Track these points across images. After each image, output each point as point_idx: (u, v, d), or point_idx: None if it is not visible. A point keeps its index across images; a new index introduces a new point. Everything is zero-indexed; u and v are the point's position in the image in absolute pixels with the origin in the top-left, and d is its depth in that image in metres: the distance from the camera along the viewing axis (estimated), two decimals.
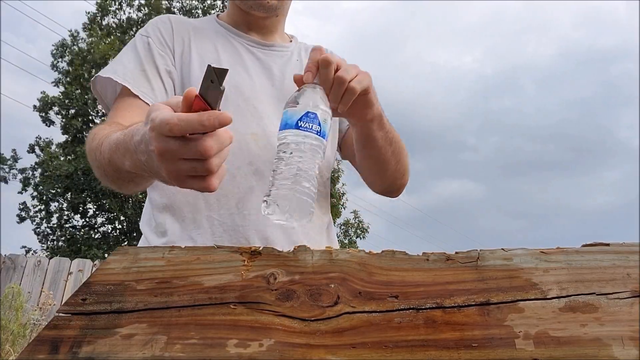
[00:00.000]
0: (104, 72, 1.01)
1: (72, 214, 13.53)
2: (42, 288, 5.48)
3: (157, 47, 1.05)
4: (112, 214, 13.15)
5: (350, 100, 0.80)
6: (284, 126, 0.74)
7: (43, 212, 13.57)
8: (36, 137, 14.38)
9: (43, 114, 14.08)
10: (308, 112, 0.73)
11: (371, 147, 0.97)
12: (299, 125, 0.72)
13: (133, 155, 0.69)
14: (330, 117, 0.77)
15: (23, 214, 13.78)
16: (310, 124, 0.73)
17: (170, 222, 1.00)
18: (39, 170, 13.66)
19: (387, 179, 1.07)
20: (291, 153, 0.71)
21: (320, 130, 0.73)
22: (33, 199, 13.58)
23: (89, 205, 13.50)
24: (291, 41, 1.23)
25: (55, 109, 13.93)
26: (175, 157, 0.59)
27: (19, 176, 13.84)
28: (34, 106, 14.23)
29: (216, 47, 1.09)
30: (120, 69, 1.00)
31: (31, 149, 14.17)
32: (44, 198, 13.35)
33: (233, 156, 0.99)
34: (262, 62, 1.12)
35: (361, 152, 1.01)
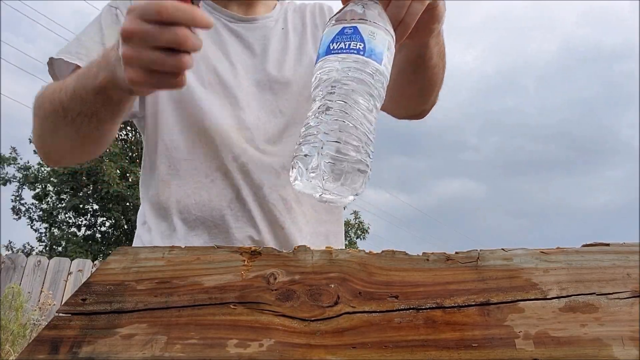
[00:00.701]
0: (58, 54, 0.94)
1: (73, 215, 13.50)
2: (42, 288, 5.48)
3: (123, 18, 0.97)
4: (115, 214, 13.16)
5: (419, 12, 0.58)
6: (316, 59, 0.53)
7: (43, 208, 13.51)
8: (29, 138, 14.17)
9: None
10: (344, 27, 0.51)
11: (423, 70, 0.79)
12: (331, 49, 0.50)
13: (109, 61, 0.64)
14: (391, 36, 0.52)
15: (16, 204, 13.62)
16: (346, 42, 0.49)
17: (162, 224, 0.98)
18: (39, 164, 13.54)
19: (428, 101, 0.91)
20: (323, 95, 0.49)
21: (364, 47, 0.49)
22: (35, 198, 13.53)
23: (90, 206, 13.50)
24: (275, 6, 1.13)
25: None
26: (147, 43, 0.54)
27: (18, 175, 13.75)
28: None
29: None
30: (74, 48, 0.93)
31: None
32: (45, 188, 13.29)
33: (217, 153, 0.97)
34: (242, 40, 1.04)
35: (407, 77, 0.82)
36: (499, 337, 0.48)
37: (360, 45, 0.49)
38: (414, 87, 0.86)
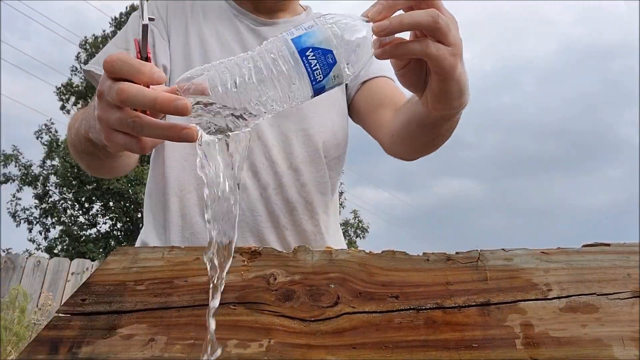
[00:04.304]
0: (89, 65, 0.96)
1: (76, 211, 13.49)
2: (41, 289, 5.48)
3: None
4: (115, 215, 13.17)
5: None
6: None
7: (43, 207, 13.47)
8: (47, 120, 13.96)
9: (64, 99, 13.92)
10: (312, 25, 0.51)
11: (432, 130, 0.78)
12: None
13: (90, 115, 0.65)
14: (342, 59, 0.52)
15: (10, 207, 13.52)
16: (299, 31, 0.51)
17: (158, 220, 0.99)
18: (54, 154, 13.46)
19: (431, 151, 0.91)
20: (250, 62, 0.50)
21: (300, 36, 0.50)
22: (37, 199, 13.48)
23: (94, 205, 13.50)
24: (304, 12, 1.14)
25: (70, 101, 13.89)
26: (107, 102, 0.53)
27: (18, 174, 13.67)
28: (56, 87, 14.07)
29: (217, 28, 1.04)
30: (102, 58, 0.92)
31: (39, 135, 13.82)
32: (46, 187, 13.27)
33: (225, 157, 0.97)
34: (264, 39, 1.05)
35: (414, 131, 0.82)
36: (500, 338, 0.48)
37: (299, 32, 0.52)
38: (417, 139, 0.86)
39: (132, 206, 12.96)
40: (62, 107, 14.35)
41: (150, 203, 1.03)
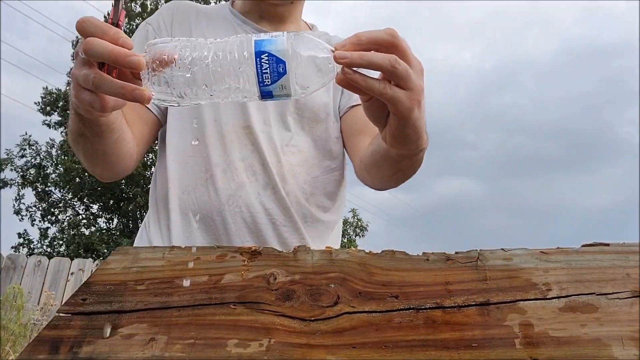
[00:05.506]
0: None
1: (78, 210, 13.50)
2: (42, 288, 5.48)
3: (154, 33, 1.04)
4: (114, 213, 13.19)
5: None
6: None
7: (44, 206, 13.47)
8: (23, 136, 13.92)
9: (47, 110, 13.83)
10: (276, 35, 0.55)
11: (393, 164, 0.84)
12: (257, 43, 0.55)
13: None
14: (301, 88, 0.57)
15: (16, 205, 13.53)
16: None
17: (161, 218, 0.99)
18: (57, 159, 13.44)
19: (393, 186, 0.96)
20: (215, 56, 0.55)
21: (263, 40, 0.55)
22: (38, 199, 13.49)
23: (93, 206, 13.51)
24: (309, 30, 1.16)
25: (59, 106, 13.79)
26: (79, 60, 0.57)
27: (15, 176, 13.65)
28: (37, 103, 13.99)
29: (219, 35, 1.06)
30: None
31: (21, 149, 13.79)
32: (46, 186, 13.29)
33: (224, 150, 0.99)
34: None
35: (377, 162, 0.88)
36: (499, 337, 0.48)
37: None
38: (381, 171, 0.90)
39: (129, 204, 12.95)
40: (55, 125, 14.10)
41: (154, 202, 1.04)
